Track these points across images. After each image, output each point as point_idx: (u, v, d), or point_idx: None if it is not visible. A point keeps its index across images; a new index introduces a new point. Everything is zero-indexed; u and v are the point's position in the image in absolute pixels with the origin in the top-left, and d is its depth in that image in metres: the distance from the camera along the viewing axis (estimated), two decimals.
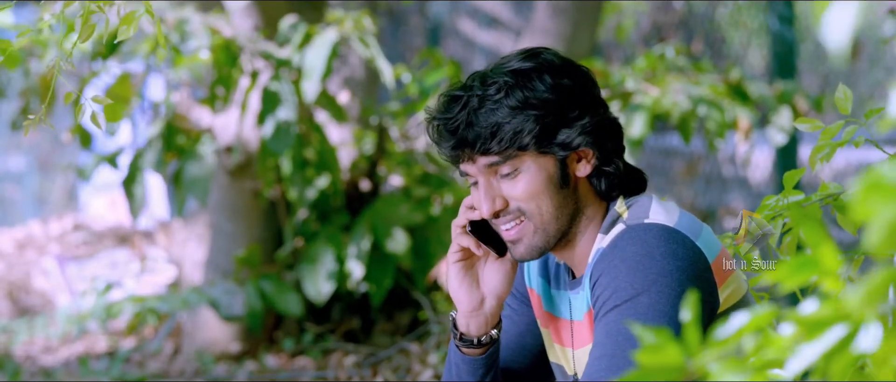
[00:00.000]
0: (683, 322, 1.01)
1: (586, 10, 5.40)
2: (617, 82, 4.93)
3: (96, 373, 5.16)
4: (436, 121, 2.03)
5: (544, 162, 2.00)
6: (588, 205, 2.05)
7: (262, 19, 4.92)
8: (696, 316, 0.99)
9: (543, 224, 2.01)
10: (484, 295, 2.12)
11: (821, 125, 1.68)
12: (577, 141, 2.00)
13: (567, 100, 2.00)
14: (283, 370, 4.90)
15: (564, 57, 2.06)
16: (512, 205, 2.02)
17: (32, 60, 5.04)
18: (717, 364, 0.96)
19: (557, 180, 2.01)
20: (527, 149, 1.99)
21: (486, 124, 1.98)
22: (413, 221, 4.94)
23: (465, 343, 2.14)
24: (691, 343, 0.98)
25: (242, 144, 4.97)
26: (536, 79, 2.00)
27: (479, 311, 2.12)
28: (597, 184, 2.04)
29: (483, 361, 2.14)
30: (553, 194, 2.01)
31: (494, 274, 2.11)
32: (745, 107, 4.85)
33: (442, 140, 2.02)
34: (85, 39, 1.98)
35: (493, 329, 2.13)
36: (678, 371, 0.97)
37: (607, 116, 2.04)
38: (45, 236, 8.71)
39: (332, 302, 5.14)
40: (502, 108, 1.98)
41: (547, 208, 2.01)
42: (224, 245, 5.13)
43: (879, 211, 0.95)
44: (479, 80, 2.02)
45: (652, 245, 1.91)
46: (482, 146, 1.98)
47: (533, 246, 2.03)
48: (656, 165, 6.89)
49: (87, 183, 8.69)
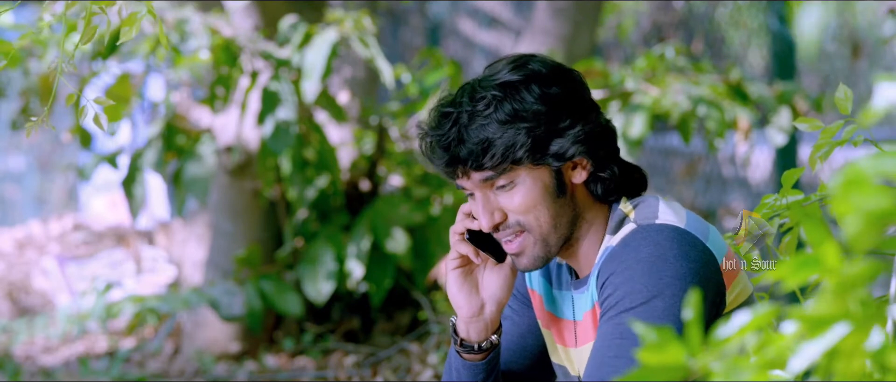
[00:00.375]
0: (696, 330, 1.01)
1: (586, 10, 5.40)
2: (617, 82, 4.93)
3: (96, 373, 5.16)
4: (427, 137, 2.02)
5: (539, 173, 1.99)
6: (587, 209, 2.04)
7: (262, 19, 4.92)
8: (698, 314, 1.00)
9: (543, 235, 2.01)
10: (484, 300, 2.11)
11: (820, 125, 1.68)
12: (570, 150, 1.98)
13: (557, 109, 1.97)
14: (282, 370, 4.90)
15: (553, 63, 2.04)
16: (511, 219, 2.01)
17: (32, 60, 5.04)
18: (719, 363, 0.96)
19: (554, 190, 2.00)
20: (520, 162, 1.97)
21: (477, 140, 1.96)
22: (413, 221, 4.94)
23: (465, 349, 2.13)
24: (693, 342, 0.98)
25: (242, 144, 4.97)
26: (524, 91, 1.98)
27: (478, 317, 2.11)
28: (594, 189, 2.03)
29: (483, 366, 2.14)
30: (550, 204, 2.00)
31: (494, 280, 2.11)
32: (744, 107, 4.85)
33: (435, 156, 2.01)
34: (86, 41, 1.98)
35: (493, 335, 2.13)
36: (680, 371, 0.98)
37: (599, 121, 2.02)
38: (45, 236, 8.71)
39: (331, 302, 5.14)
40: (492, 123, 1.96)
41: (545, 219, 2.00)
42: (224, 245, 5.13)
43: (858, 205, 0.95)
44: (468, 95, 2.00)
45: (664, 246, 1.91)
46: (474, 162, 1.97)
47: (536, 257, 2.02)
48: (656, 165, 6.88)
49: (87, 183, 8.69)
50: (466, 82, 2.05)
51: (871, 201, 0.96)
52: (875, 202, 0.97)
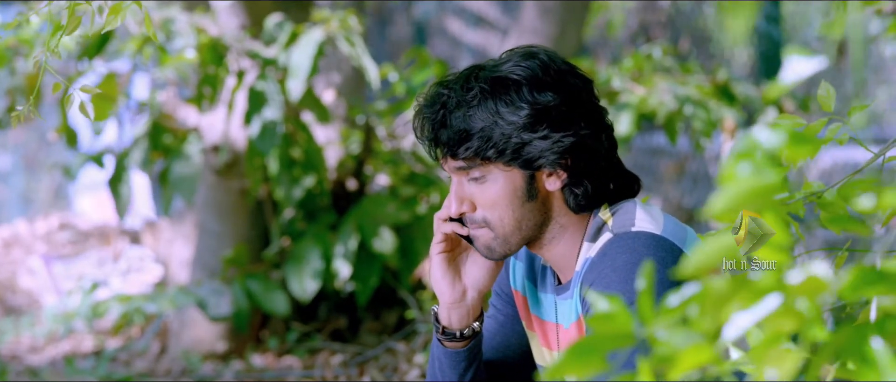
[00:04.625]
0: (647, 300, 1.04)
1: (574, 9, 5.40)
2: (603, 81, 4.94)
3: (82, 372, 5.15)
4: (419, 108, 2.04)
5: (511, 174, 2.00)
6: (561, 214, 2.03)
7: (248, 18, 4.91)
8: (650, 284, 1.03)
9: (504, 234, 2.02)
10: (466, 286, 2.12)
11: (802, 122, 1.69)
12: (540, 160, 1.98)
13: (539, 117, 1.96)
14: (269, 369, 4.90)
15: (562, 65, 2.01)
16: (477, 213, 2.02)
17: (19, 59, 5.02)
18: (665, 331, 1.00)
19: (524, 193, 2.00)
20: (491, 160, 1.99)
21: (457, 129, 1.98)
22: (400, 220, 4.94)
23: (447, 337, 2.14)
24: (645, 312, 1.02)
25: (229, 143, 4.96)
26: (514, 92, 1.97)
27: (460, 303, 2.12)
28: (567, 198, 2.03)
29: (465, 354, 2.14)
30: (516, 207, 2.01)
31: (476, 268, 2.12)
32: (731, 107, 4.86)
33: (421, 133, 2.04)
34: (70, 32, 1.98)
35: (475, 322, 2.14)
36: (627, 338, 1.02)
37: (586, 135, 1.99)
38: (32, 235, 8.69)
39: (318, 301, 5.14)
40: (474, 117, 1.97)
41: (509, 220, 2.01)
42: (211, 244, 5.12)
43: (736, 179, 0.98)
44: (463, 81, 2.01)
45: (641, 253, 1.91)
46: (451, 150, 1.99)
47: (492, 249, 2.04)
48: (643, 164, 6.90)
49: (75, 182, 8.67)
50: (472, 65, 2.06)
51: (755, 175, 0.99)
52: (758, 177, 0.99)
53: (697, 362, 1.00)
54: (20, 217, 10.08)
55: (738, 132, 4.87)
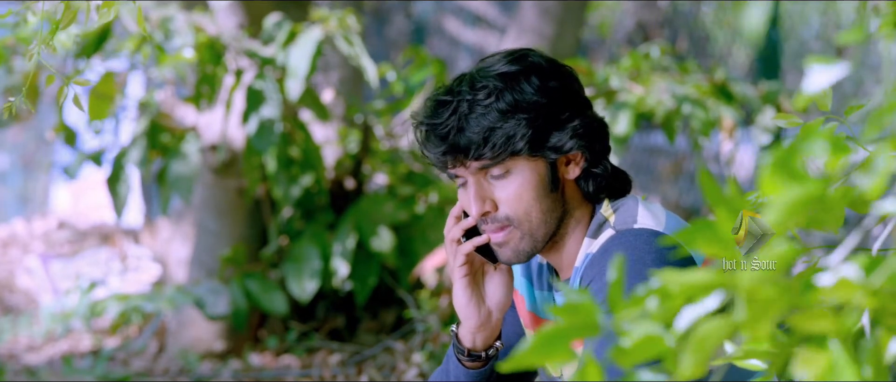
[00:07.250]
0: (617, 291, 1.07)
1: (571, 9, 5.41)
2: (601, 81, 4.94)
3: (80, 372, 5.15)
4: (424, 125, 2.00)
5: (535, 165, 1.99)
6: (575, 208, 2.04)
7: (246, 17, 4.91)
8: (620, 276, 1.06)
9: (531, 230, 2.00)
10: (490, 308, 2.09)
11: (800, 121, 1.69)
12: (567, 144, 1.98)
13: (556, 102, 1.98)
14: (267, 368, 4.90)
15: (549, 58, 2.04)
16: (500, 211, 2.00)
17: (16, 58, 5.02)
18: (629, 323, 1.04)
19: (548, 183, 2.00)
20: (519, 153, 1.97)
21: (478, 129, 1.96)
22: (398, 219, 4.94)
23: (471, 359, 2.12)
24: (615, 301, 1.05)
25: (227, 143, 4.96)
26: (525, 82, 1.98)
27: (486, 325, 2.10)
28: (584, 187, 2.02)
29: (486, 372, 2.14)
30: (542, 198, 2.00)
31: (497, 287, 2.09)
32: (729, 106, 4.86)
33: (431, 145, 1.99)
34: (65, 26, 1.98)
35: (497, 341, 2.13)
36: (592, 328, 1.05)
37: (595, 117, 2.03)
38: (29, 234, 8.69)
39: (316, 300, 5.14)
40: (493, 113, 1.96)
41: (535, 214, 1.99)
42: (209, 243, 5.12)
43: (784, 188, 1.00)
44: (468, 84, 1.99)
45: (642, 251, 1.90)
46: (475, 152, 1.96)
47: (520, 251, 2.01)
48: (641, 163, 6.90)
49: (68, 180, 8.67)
50: (462, 73, 2.04)
51: (798, 187, 1.01)
52: (801, 188, 1.01)
53: (651, 353, 1.03)
54: (17, 216, 10.08)
55: (736, 131, 4.87)
